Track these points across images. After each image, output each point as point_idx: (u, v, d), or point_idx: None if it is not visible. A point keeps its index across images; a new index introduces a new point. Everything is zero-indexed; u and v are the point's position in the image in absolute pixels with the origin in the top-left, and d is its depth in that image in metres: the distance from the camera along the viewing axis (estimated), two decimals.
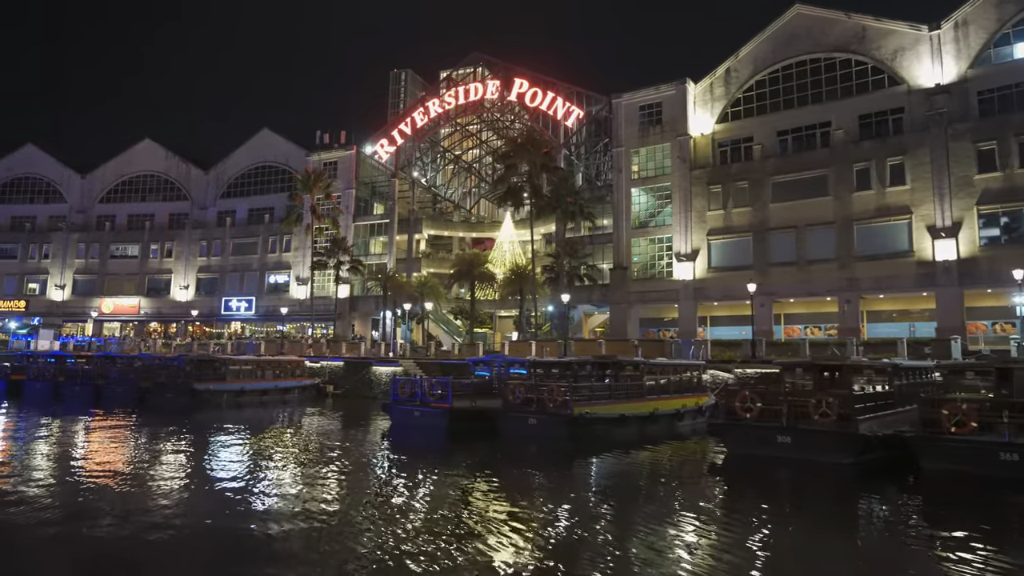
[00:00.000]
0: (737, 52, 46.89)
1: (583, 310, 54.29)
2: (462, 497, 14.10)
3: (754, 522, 12.42)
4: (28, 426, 26.71)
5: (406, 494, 14.67)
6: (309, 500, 13.60)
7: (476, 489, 15.04)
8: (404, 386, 22.96)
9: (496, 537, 10.82)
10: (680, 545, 10.62)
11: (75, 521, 12.04)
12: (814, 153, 42.33)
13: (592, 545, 10.51)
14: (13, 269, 70.62)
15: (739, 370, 29.16)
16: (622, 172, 49.63)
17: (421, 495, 14.55)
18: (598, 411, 20.02)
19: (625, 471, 17.74)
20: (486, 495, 14.39)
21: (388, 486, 15.47)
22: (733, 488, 15.54)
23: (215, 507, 13.23)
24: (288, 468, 17.50)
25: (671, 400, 23.29)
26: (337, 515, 12.61)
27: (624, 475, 17.24)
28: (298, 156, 65.89)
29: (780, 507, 13.69)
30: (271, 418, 30.69)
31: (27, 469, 17.44)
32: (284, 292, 63.65)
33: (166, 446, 21.91)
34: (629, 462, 18.70)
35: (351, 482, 15.84)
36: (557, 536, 11.26)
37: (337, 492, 14.66)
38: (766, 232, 43.31)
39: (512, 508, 13.17)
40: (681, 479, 16.29)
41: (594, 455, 18.79)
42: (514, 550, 10.21)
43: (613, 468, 18.06)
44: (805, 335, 43.33)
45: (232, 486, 14.96)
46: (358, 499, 13.89)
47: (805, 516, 12.82)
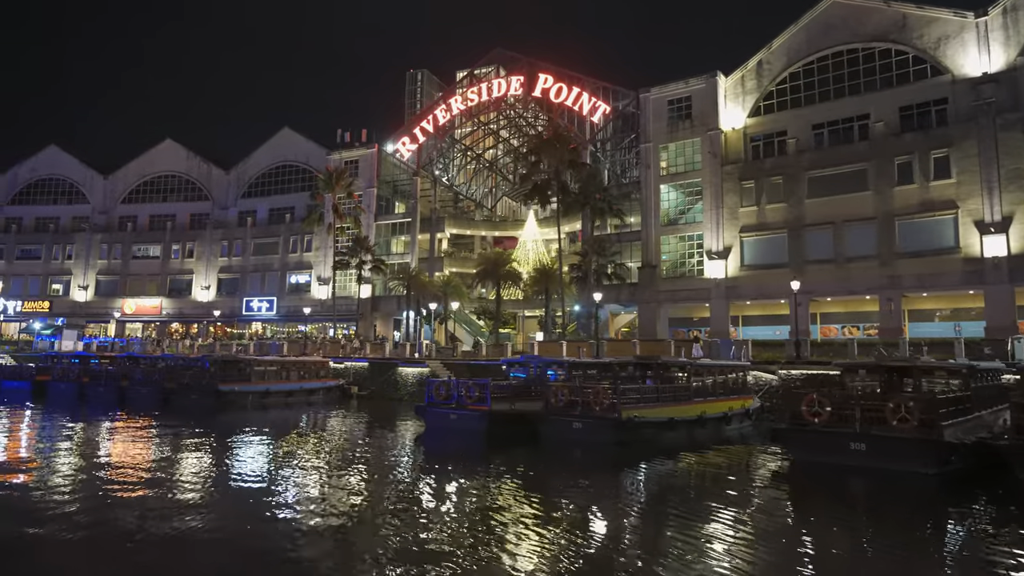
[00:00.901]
0: (770, 44, 45.54)
1: (609, 310, 53.11)
2: (504, 506, 13.14)
3: (833, 537, 11.35)
4: (54, 428, 26.16)
5: (444, 502, 13.75)
6: (344, 508, 12.77)
7: (519, 498, 14.06)
8: (439, 388, 22.02)
9: (546, 551, 9.88)
10: (752, 563, 9.56)
11: (99, 524, 11.74)
12: (852, 147, 40.91)
13: (654, 565, 9.47)
14: (37, 270, 70.87)
15: (783, 371, 27.90)
16: (650, 168, 48.42)
17: (460, 503, 13.61)
18: (646, 415, 18.94)
19: (680, 479, 16.65)
20: (531, 505, 13.39)
21: (424, 494, 14.52)
22: (804, 499, 14.36)
23: (245, 513, 12.47)
24: (321, 474, 16.64)
25: (717, 403, 22.15)
26: (372, 523, 11.81)
27: (679, 484, 16.15)
28: (319, 155, 65.39)
29: (859, 521, 12.55)
30: (298, 420, 29.94)
31: (53, 471, 16.76)
32: (305, 292, 63.14)
33: (192, 449, 21.18)
34: (682, 469, 17.61)
35: (386, 489, 14.93)
36: (615, 552, 10.27)
37: (372, 499, 13.77)
38: (802, 229, 41.95)
39: (561, 519, 12.20)
40: (744, 489, 15.12)
41: (643, 461, 17.72)
42: (568, 567, 9.23)
43: (666, 476, 16.96)
44: (843, 335, 41.96)
45: (263, 492, 14.12)
46: (394, 507, 12.98)
47: (888, 532, 11.67)
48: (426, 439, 21.61)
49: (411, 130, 60.24)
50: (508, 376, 23.45)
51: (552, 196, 44.44)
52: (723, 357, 27.51)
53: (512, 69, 56.28)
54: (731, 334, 43.16)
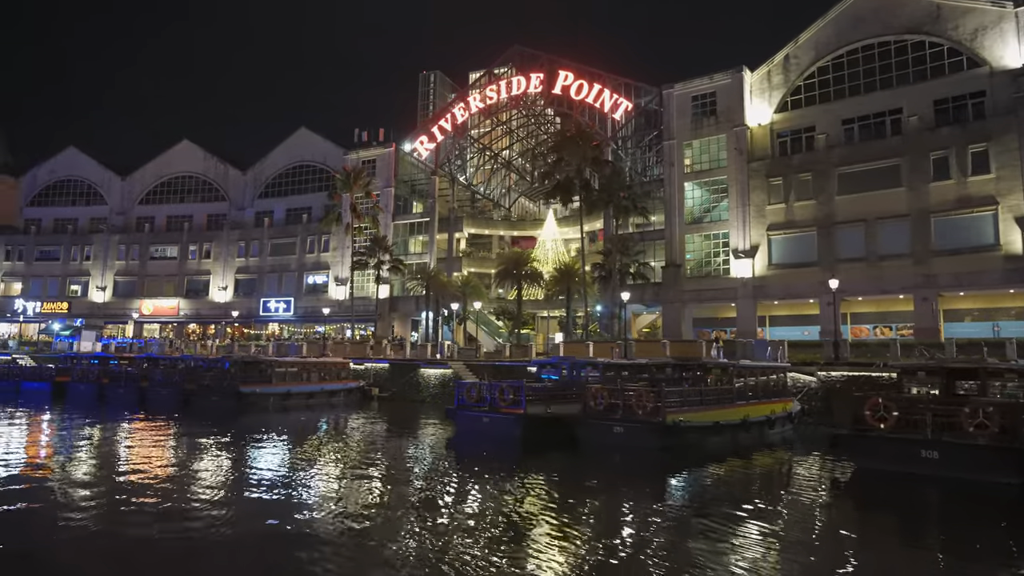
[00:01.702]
0: (796, 38, 44.48)
1: (631, 310, 52.15)
2: (544, 515, 12.35)
3: (908, 555, 10.48)
4: (74, 430, 25.70)
5: (479, 510, 12.96)
6: (374, 515, 12.16)
7: (560, 507, 13.24)
8: (470, 390, 21.28)
9: (590, 565, 9.07)
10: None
11: (118, 526, 11.56)
12: (885, 142, 39.78)
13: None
14: (56, 271, 71.00)
15: (821, 373, 26.91)
16: (674, 166, 47.47)
17: (496, 511, 12.80)
18: (691, 419, 18.09)
19: (732, 488, 15.74)
20: (573, 514, 12.61)
21: (457, 501, 13.74)
22: (872, 511, 13.36)
23: (269, 519, 11.82)
24: (350, 480, 15.93)
25: (760, 406, 21.25)
26: (403, 532, 11.15)
27: (732, 493, 15.22)
28: (336, 155, 64.94)
29: (934, 536, 11.68)
30: (321, 423, 29.35)
31: (73, 474, 16.24)
32: (323, 293, 62.69)
33: (214, 452, 20.58)
34: (733, 476, 16.72)
35: (417, 496, 14.19)
36: (667, 570, 9.43)
37: (403, 507, 13.05)
38: (832, 226, 40.86)
39: (609, 531, 11.43)
40: (804, 499, 14.20)
41: (690, 467, 16.87)
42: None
43: (716, 483, 16.08)
44: (874, 335, 40.83)
45: (288, 499, 13.45)
46: (426, 515, 12.27)
47: (969, 549, 10.76)
48: (457, 443, 20.87)
49: (429, 129, 59.64)
50: (539, 378, 22.64)
51: (575, 194, 43.56)
52: (757, 358, 26.53)
53: (531, 67, 55.50)
54: (758, 334, 42.16)
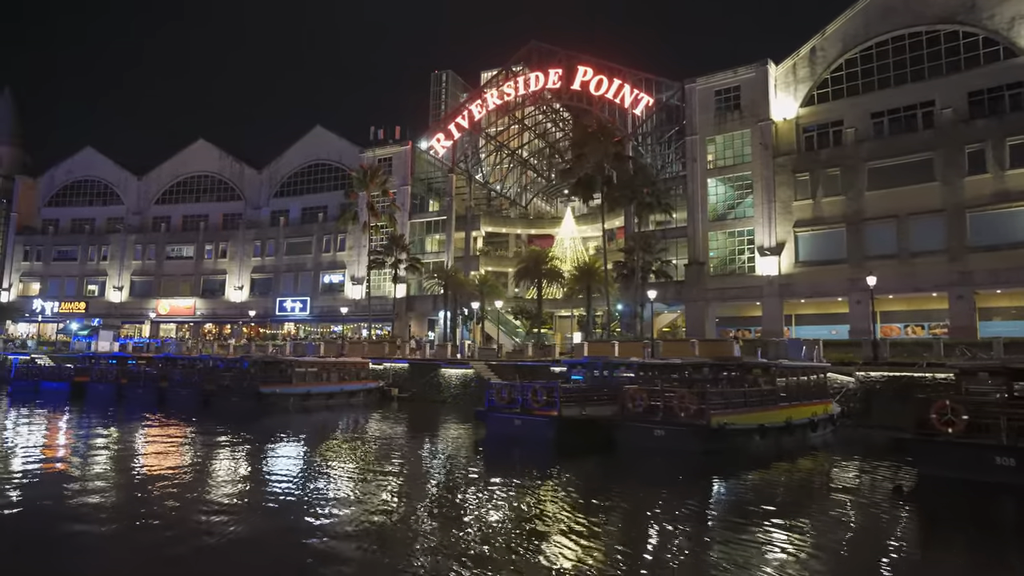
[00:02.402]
0: (823, 30, 43.41)
1: (653, 308, 51.30)
2: (584, 522, 11.59)
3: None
4: (94, 430, 25.27)
5: (514, 518, 12.16)
6: (404, 523, 11.53)
7: (602, 515, 12.52)
8: (501, 392, 20.57)
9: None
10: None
11: (137, 527, 11.42)
12: (916, 135, 38.68)
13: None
14: (73, 271, 71.15)
15: (860, 373, 25.98)
16: (697, 161, 46.53)
17: (532, 518, 12.02)
18: (735, 421, 17.28)
19: (784, 495, 14.85)
20: (617, 523, 11.90)
21: (491, 508, 12.97)
22: (943, 523, 12.43)
23: (296, 520, 11.23)
24: (380, 485, 15.27)
25: (802, 407, 20.39)
26: (434, 542, 10.50)
27: (785, 500, 14.35)
28: (351, 153, 64.52)
29: (1017, 552, 10.79)
30: (343, 424, 28.78)
31: (94, 475, 15.73)
32: (339, 292, 62.28)
33: (235, 453, 20.07)
34: (782, 483, 15.88)
35: (449, 503, 13.48)
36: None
37: (434, 514, 12.38)
38: (861, 223, 39.82)
39: (657, 539, 10.68)
40: (866, 509, 13.28)
41: (735, 472, 16.06)
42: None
43: (766, 490, 15.21)
44: (905, 334, 39.73)
45: (316, 503, 12.76)
46: (458, 523, 11.59)
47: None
48: (487, 446, 20.17)
49: (446, 126, 59.02)
50: (567, 378, 21.90)
51: (596, 190, 42.77)
52: (792, 357, 25.62)
53: (549, 63, 54.68)
54: (784, 334, 41.19)
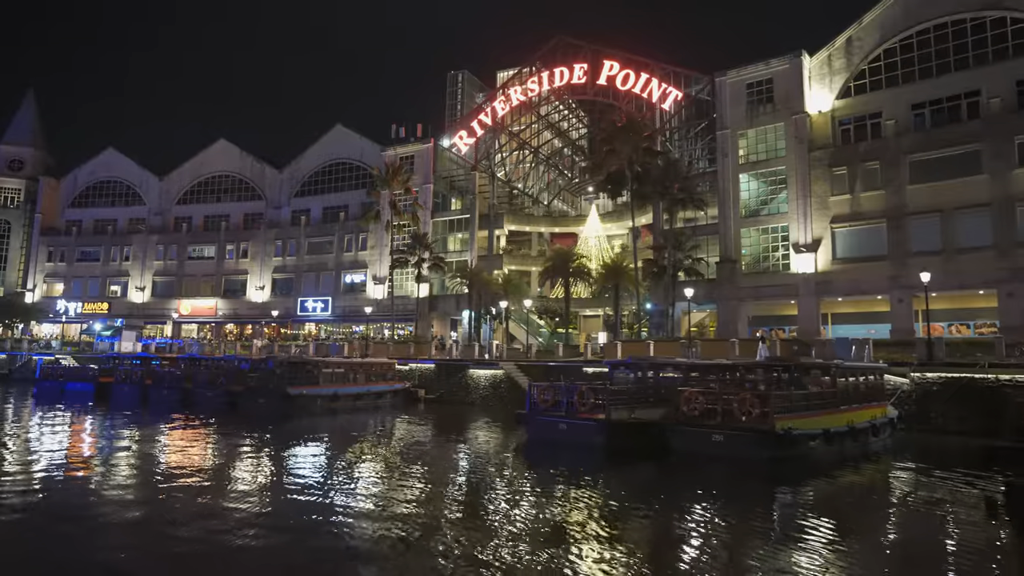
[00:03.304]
0: (860, 19, 42.05)
1: (680, 308, 50.11)
2: (645, 537, 10.62)
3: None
4: (120, 431, 24.69)
5: (567, 529, 11.20)
6: (449, 535, 10.62)
7: (668, 531, 11.53)
8: (544, 393, 19.62)
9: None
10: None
11: (162, 529, 11.19)
12: (961, 126, 37.24)
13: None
14: (96, 271, 71.29)
15: (915, 374, 24.73)
16: (728, 156, 45.30)
17: (588, 531, 11.07)
18: (799, 425, 16.20)
19: (865, 509, 13.38)
20: (688, 540, 10.89)
21: (541, 518, 11.97)
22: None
23: (334, 528, 10.34)
24: (421, 493, 14.38)
25: (862, 411, 19.26)
26: (481, 552, 9.62)
27: (868, 516, 12.74)
28: (372, 152, 63.97)
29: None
30: (372, 426, 28.04)
31: (121, 477, 15.03)
32: (361, 292, 61.71)
33: (266, 456, 19.34)
34: (857, 494, 14.65)
35: (493, 514, 12.53)
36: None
37: (480, 528, 11.44)
38: (903, 218, 38.43)
39: (731, 558, 9.66)
40: (961, 524, 12.16)
41: (804, 481, 14.98)
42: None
43: (844, 503, 13.87)
44: (949, 333, 38.23)
45: (356, 509, 11.92)
46: (510, 538, 10.65)
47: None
48: (530, 452, 19.22)
49: (468, 123, 58.21)
50: (611, 379, 20.91)
51: (626, 186, 41.71)
52: (839, 357, 24.42)
53: (574, 58, 53.65)
54: (820, 333, 39.90)
